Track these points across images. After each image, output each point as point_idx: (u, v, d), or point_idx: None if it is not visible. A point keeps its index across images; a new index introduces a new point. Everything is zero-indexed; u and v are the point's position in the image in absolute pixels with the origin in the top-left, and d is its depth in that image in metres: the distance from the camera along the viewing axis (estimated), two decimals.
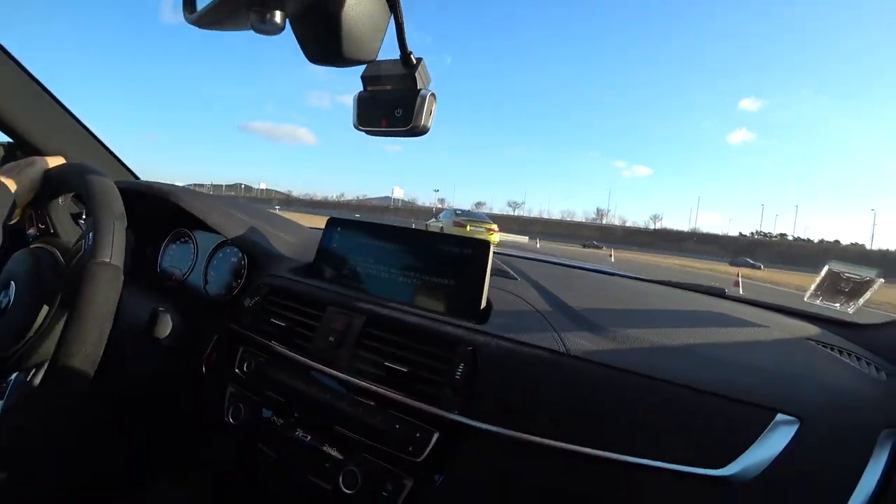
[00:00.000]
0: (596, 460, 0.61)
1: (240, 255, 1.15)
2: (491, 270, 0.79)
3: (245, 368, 0.86)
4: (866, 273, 0.87)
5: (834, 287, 0.90)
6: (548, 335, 0.71)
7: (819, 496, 0.59)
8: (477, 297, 0.77)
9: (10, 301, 0.77)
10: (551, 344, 0.69)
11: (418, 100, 0.56)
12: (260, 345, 0.87)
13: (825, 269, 0.91)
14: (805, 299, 0.96)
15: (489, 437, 0.64)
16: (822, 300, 0.93)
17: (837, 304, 0.91)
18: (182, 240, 1.28)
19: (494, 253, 0.83)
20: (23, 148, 1.21)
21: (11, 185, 0.77)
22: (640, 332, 0.74)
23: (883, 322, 0.87)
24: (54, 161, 0.86)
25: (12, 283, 0.79)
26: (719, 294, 1.12)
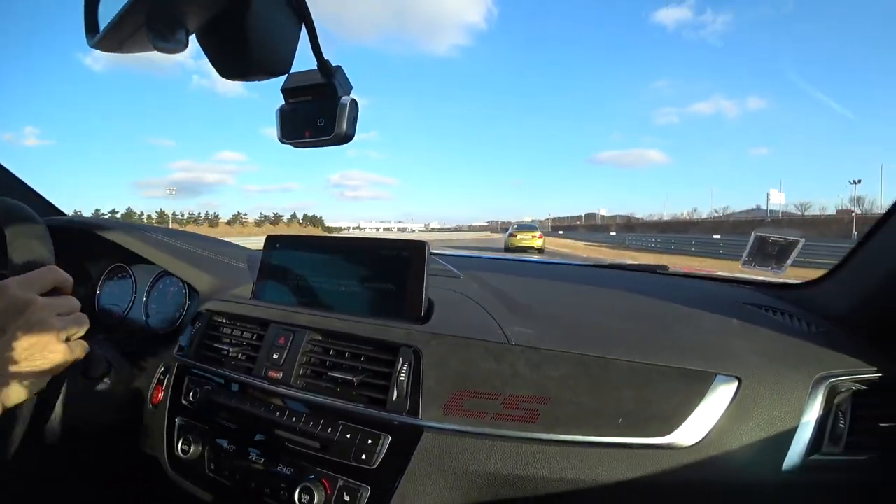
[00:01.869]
0: (547, 442, 0.62)
1: (180, 284, 1.11)
2: (434, 271, 0.79)
3: (191, 398, 0.82)
4: (790, 236, 0.91)
5: (763, 251, 0.95)
6: (491, 328, 0.72)
7: (764, 447, 0.62)
8: (418, 298, 0.77)
9: None
10: (494, 337, 0.70)
11: (338, 108, 0.55)
12: (205, 371, 0.85)
13: (752, 235, 0.95)
14: (740, 266, 1.00)
15: (439, 433, 0.64)
16: (755, 265, 0.97)
17: (769, 268, 0.95)
18: (119, 275, 1.23)
19: (435, 254, 0.83)
20: None
21: None
22: (579, 316, 0.76)
23: (808, 281, 0.92)
24: None
25: None
26: (659, 271, 1.16)
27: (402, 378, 0.67)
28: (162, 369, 0.94)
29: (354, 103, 0.56)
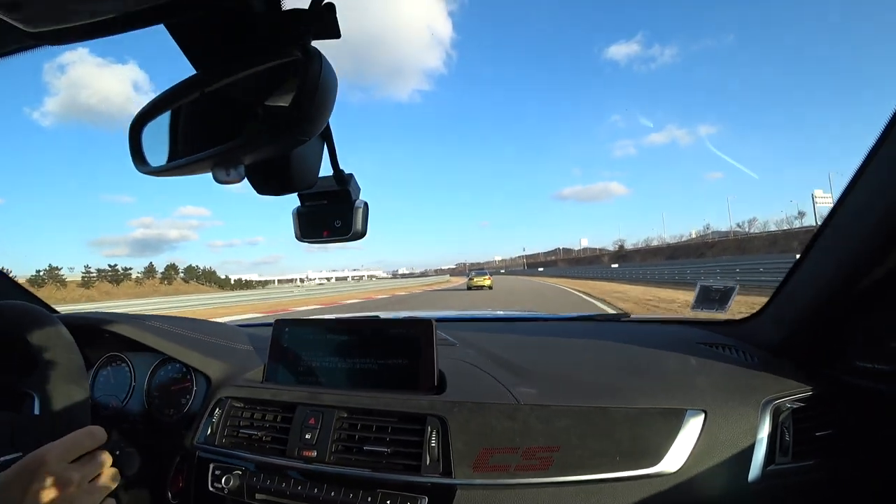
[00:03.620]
0: (561, 484, 0.73)
1: (184, 370, 1.14)
2: None
3: (224, 483, 0.86)
4: (727, 284, 1.11)
5: (708, 297, 1.13)
6: (500, 391, 0.83)
7: (732, 464, 0.76)
8: (431, 371, 0.87)
9: None
10: (505, 399, 0.81)
11: (353, 211, 0.65)
12: (233, 458, 0.88)
13: (697, 286, 1.15)
14: (690, 310, 1.18)
15: (471, 488, 0.74)
16: (702, 309, 1.15)
17: (714, 310, 1.14)
18: (114, 364, 1.22)
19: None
20: None
21: None
22: (570, 371, 0.88)
23: (747, 316, 1.10)
24: None
25: None
26: (622, 319, 1.32)
27: (432, 444, 0.77)
28: (178, 458, 0.95)
29: (366, 205, 0.67)
